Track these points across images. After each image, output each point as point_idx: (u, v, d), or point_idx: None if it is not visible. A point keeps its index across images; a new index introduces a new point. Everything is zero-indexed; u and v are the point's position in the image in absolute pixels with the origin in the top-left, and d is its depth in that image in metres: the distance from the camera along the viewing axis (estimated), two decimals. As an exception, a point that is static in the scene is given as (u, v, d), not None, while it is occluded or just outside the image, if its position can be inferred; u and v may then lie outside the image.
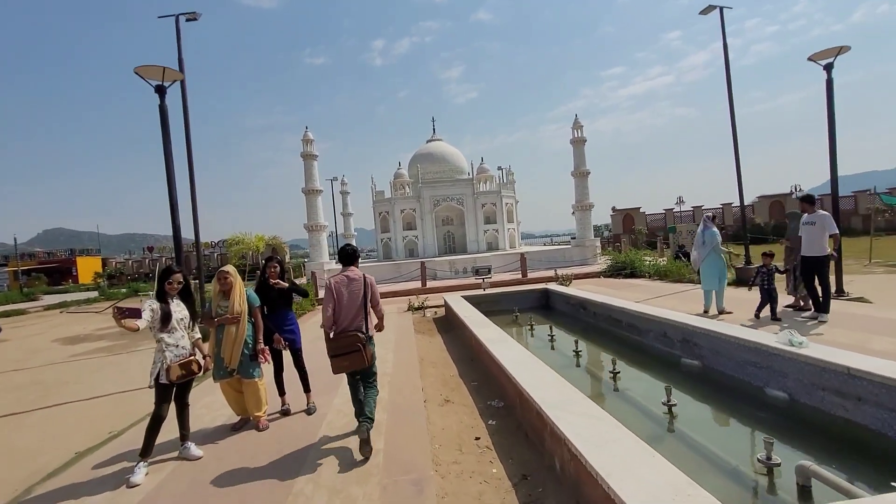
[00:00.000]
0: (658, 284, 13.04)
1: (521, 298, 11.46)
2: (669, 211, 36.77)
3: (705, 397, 4.78)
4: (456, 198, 22.86)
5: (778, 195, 34.50)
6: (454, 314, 9.18)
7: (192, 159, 9.36)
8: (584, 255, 20.30)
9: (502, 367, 4.74)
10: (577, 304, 9.64)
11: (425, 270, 16.32)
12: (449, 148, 26.10)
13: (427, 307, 12.44)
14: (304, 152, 18.61)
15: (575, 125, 20.63)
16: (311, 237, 18.63)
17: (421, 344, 8.19)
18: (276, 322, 4.80)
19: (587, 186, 20.56)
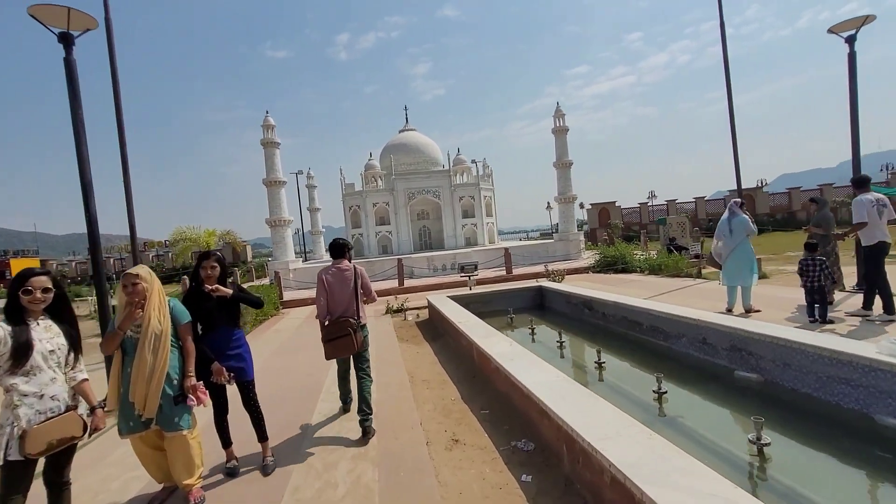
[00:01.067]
0: (656, 280, 12.20)
1: (513, 298, 10.31)
2: (644, 205, 36.76)
3: (801, 431, 3.70)
4: (432, 190, 21.52)
5: (749, 189, 34.99)
6: (443, 318, 7.92)
7: (124, 137, 7.65)
8: (567, 250, 19.44)
9: (532, 397, 3.52)
10: (580, 303, 8.57)
11: (402, 268, 14.96)
12: (423, 138, 24.71)
13: (408, 309, 11.13)
14: (264, 139, 16.81)
15: (556, 114, 19.71)
16: (273, 233, 16.88)
17: (407, 355, 6.88)
18: (216, 345, 3.39)
19: (570, 178, 19.69)
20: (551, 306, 9.95)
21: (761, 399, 4.34)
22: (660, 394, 4.33)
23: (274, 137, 16.90)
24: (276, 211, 16.75)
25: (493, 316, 9.48)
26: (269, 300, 12.26)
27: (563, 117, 19.61)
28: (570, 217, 19.82)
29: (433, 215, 22.97)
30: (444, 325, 7.99)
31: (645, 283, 11.83)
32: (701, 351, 5.45)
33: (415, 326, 9.40)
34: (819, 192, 34.04)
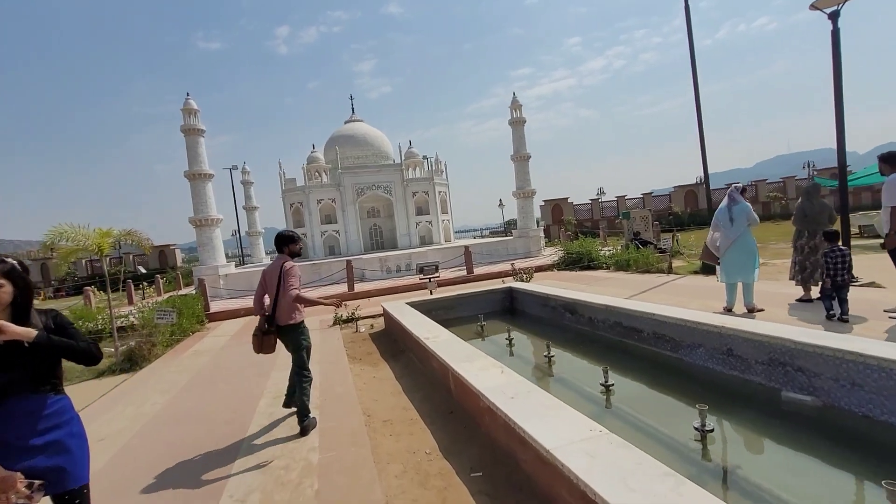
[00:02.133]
0: (627, 276, 11.49)
1: (481, 302, 9.12)
2: (595, 201, 37.15)
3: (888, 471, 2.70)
4: (383, 186, 19.92)
5: (691, 185, 36.33)
6: (403, 331, 6.56)
7: None
8: (528, 247, 18.63)
9: (562, 468, 2.27)
10: (560, 306, 7.51)
11: (352, 271, 13.35)
12: (372, 130, 23.00)
13: (360, 318, 9.61)
14: (185, 126, 14.50)
15: (513, 105, 18.83)
16: (199, 234, 14.62)
17: (362, 382, 5.44)
18: (9, 431, 1.84)
19: (528, 171, 18.89)
20: (524, 310, 8.85)
21: (822, 428, 3.39)
22: (703, 431, 3.25)
23: (197, 124, 14.64)
24: (201, 209, 14.51)
25: (459, 323, 8.26)
26: (191, 313, 10.26)
27: (520, 108, 18.76)
28: (529, 213, 19.02)
29: (384, 212, 21.39)
30: (406, 340, 6.62)
31: (617, 280, 11.07)
32: (726, 365, 4.47)
33: (369, 340, 7.95)
34: (809, 180, 35.82)
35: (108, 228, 7.58)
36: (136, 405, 5.29)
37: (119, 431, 4.47)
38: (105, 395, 6.02)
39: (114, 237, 7.67)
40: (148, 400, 5.44)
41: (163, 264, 36.05)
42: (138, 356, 7.58)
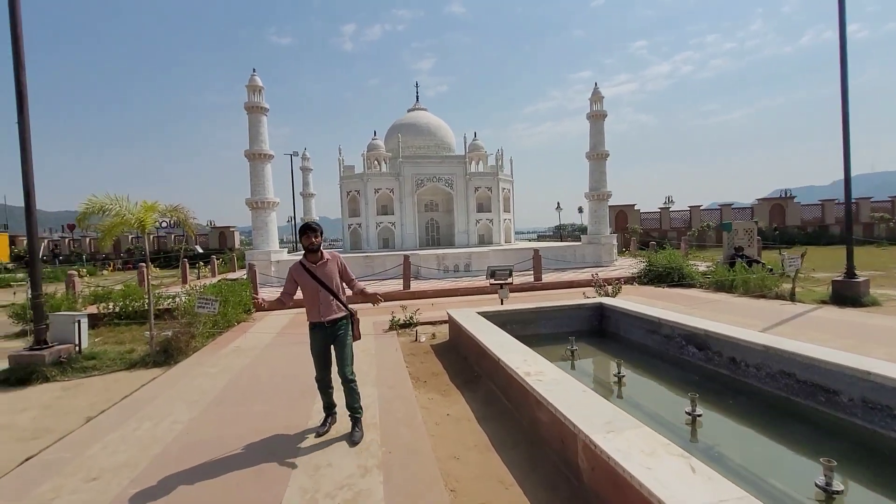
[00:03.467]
0: (736, 301, 9.51)
1: (564, 318, 7.60)
2: (665, 210, 34.11)
3: None
4: (444, 178, 18.68)
5: (776, 198, 32.49)
6: (480, 349, 5.22)
7: (24, 82, 4.83)
8: (598, 255, 16.73)
9: None
10: (680, 337, 5.83)
11: (409, 267, 12.17)
12: (435, 119, 21.83)
13: (417, 323, 8.38)
14: (249, 103, 13.91)
15: (594, 97, 16.95)
16: (254, 217, 14.01)
17: (432, 420, 4.11)
18: None
19: (605, 171, 16.96)
20: (620, 333, 7.21)
21: None
22: None
23: (261, 102, 14.02)
24: (259, 190, 13.89)
25: (539, 342, 6.79)
26: (238, 301, 9.44)
27: (601, 100, 16.85)
28: (602, 217, 17.09)
29: (443, 207, 20.15)
30: (484, 364, 5.24)
31: (725, 304, 9.13)
32: None
33: (431, 354, 6.66)
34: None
35: (152, 202, 6.75)
36: (153, 421, 4.26)
37: (119, 468, 3.39)
38: (128, 396, 5.08)
39: (159, 212, 6.83)
40: (169, 415, 4.39)
41: (222, 245, 37.03)
42: (174, 349, 6.71)
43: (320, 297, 3.74)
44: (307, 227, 3.75)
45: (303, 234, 3.74)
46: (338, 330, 3.81)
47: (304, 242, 3.74)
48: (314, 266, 3.77)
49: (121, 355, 6.86)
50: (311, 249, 3.74)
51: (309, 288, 3.76)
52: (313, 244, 3.73)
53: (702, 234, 30.16)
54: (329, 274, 3.79)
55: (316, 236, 3.75)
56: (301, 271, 3.76)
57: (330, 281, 3.79)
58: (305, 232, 3.74)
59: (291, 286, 3.82)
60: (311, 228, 3.74)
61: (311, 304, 3.76)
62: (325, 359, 3.90)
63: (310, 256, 3.79)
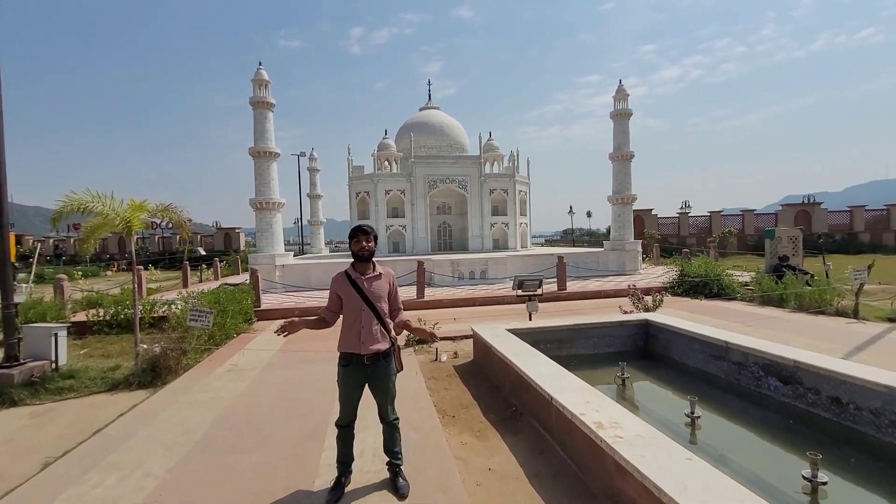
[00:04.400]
0: (792, 317, 8.52)
1: (605, 337, 6.68)
2: (684, 215, 32.97)
3: None
4: (458, 179, 17.79)
5: (802, 204, 31.23)
6: (520, 379, 4.36)
7: None
8: (622, 262, 15.76)
9: None
10: (757, 366, 4.89)
11: (423, 273, 11.29)
12: (448, 118, 20.98)
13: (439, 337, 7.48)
14: (254, 98, 13.14)
15: (618, 94, 16.02)
16: (258, 218, 13.21)
17: (472, 478, 3.22)
18: None
19: (629, 173, 16.01)
20: (671, 356, 6.27)
21: None
22: None
23: (267, 96, 13.25)
24: (263, 190, 13.10)
25: (579, 365, 5.92)
26: (238, 310, 8.61)
27: (626, 98, 15.91)
28: (626, 222, 16.12)
29: (456, 210, 19.26)
30: (527, 399, 4.34)
31: (782, 322, 8.15)
32: None
33: (456, 377, 5.78)
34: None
35: (141, 201, 5.92)
36: (120, 473, 3.39)
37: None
38: (99, 431, 4.23)
39: (148, 211, 6.00)
40: (141, 464, 3.53)
41: (228, 247, 36.40)
42: (163, 367, 5.87)
43: (362, 320, 2.94)
44: (359, 229, 3.05)
45: (353, 237, 3.03)
46: (379, 366, 3.02)
47: (353, 248, 3.03)
48: (362, 279, 2.99)
49: (103, 373, 6.04)
50: (361, 257, 2.99)
51: (351, 306, 2.97)
52: (364, 250, 2.98)
53: (723, 241, 29.01)
54: (378, 292, 3.01)
55: (368, 240, 2.99)
56: (345, 283, 2.99)
57: (378, 300, 3.00)
58: (356, 235, 3.01)
59: (335, 301, 3.07)
60: (363, 231, 3.04)
61: (351, 327, 2.97)
62: (356, 402, 3.08)
63: (359, 266, 3.02)
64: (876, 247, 28.01)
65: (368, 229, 3.03)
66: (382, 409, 3.12)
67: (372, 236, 3.03)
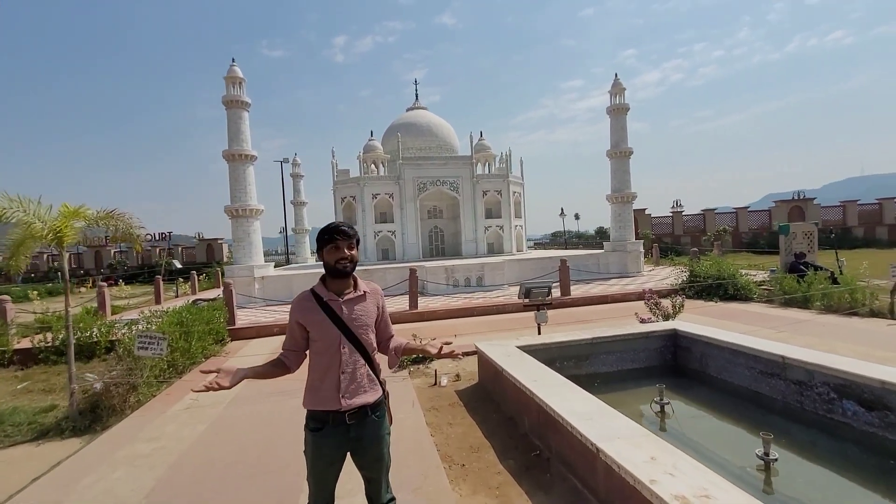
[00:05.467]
0: (827, 320, 7.75)
1: (627, 351, 5.82)
2: (678, 214, 32.56)
3: None
4: (449, 181, 16.90)
5: (795, 200, 31.00)
6: (551, 421, 3.45)
7: None
8: (624, 264, 15.00)
9: None
10: (822, 385, 4.05)
11: (416, 282, 10.36)
12: (437, 119, 20.13)
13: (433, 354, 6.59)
14: (227, 96, 12.13)
15: (614, 89, 15.35)
16: (235, 227, 12.16)
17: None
18: None
19: (628, 170, 15.30)
20: (705, 372, 5.41)
21: None
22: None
23: (241, 95, 12.25)
24: (239, 196, 12.06)
25: (604, 387, 5.09)
26: (207, 331, 7.59)
27: (622, 93, 15.23)
28: (627, 222, 15.39)
29: (448, 213, 18.37)
30: (557, 442, 3.42)
31: (822, 326, 7.37)
32: None
33: (460, 406, 4.87)
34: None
35: (76, 206, 4.91)
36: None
37: None
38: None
39: (86, 219, 4.98)
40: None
41: (210, 258, 35.03)
42: (106, 407, 4.84)
43: (342, 361, 1.99)
44: (336, 230, 2.04)
45: (327, 241, 2.03)
46: (367, 426, 2.06)
47: (328, 259, 2.03)
48: (339, 301, 2.03)
49: (33, 417, 4.99)
50: (338, 271, 2.02)
51: (325, 342, 2.00)
52: (345, 262, 2.00)
53: (718, 239, 28.59)
54: (363, 318, 2.06)
55: (351, 246, 2.03)
56: (313, 309, 2.02)
57: (364, 330, 2.04)
58: (333, 238, 2.02)
59: (299, 336, 2.06)
60: (341, 233, 2.03)
61: (325, 373, 2.01)
62: (333, 480, 2.12)
63: (334, 284, 2.05)
64: (870, 241, 27.85)
65: (349, 230, 2.05)
66: (373, 487, 2.19)
67: (354, 240, 2.05)
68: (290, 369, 2.08)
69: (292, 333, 2.07)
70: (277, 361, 2.08)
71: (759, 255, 23.37)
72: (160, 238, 36.01)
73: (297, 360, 2.10)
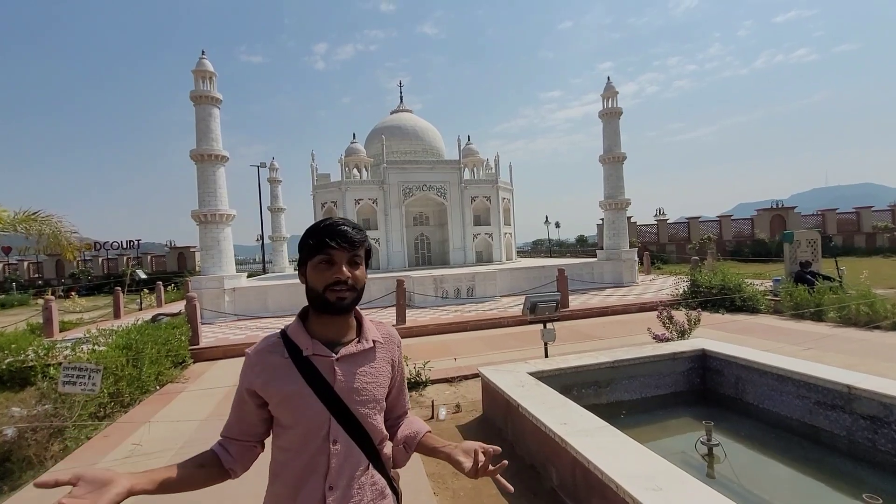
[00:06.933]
0: (853, 335, 7.19)
1: (652, 375, 5.10)
2: (663, 222, 32.51)
3: None
4: (436, 186, 16.12)
5: (776, 208, 31.31)
6: (598, 483, 2.59)
7: None
8: (619, 273, 14.43)
9: None
10: None
11: (403, 294, 9.49)
12: (422, 122, 19.38)
13: (428, 381, 5.80)
14: (196, 91, 11.12)
15: (607, 92, 14.90)
16: (203, 234, 11.09)
17: None
18: None
19: (622, 176, 14.82)
20: (742, 399, 4.71)
21: None
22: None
23: (212, 90, 11.26)
24: (208, 200, 11.01)
25: (629, 421, 4.36)
26: (166, 353, 6.57)
27: (615, 97, 14.79)
28: (621, 229, 14.86)
29: (434, 220, 17.57)
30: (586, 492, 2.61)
31: (847, 341, 6.80)
32: None
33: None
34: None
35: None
36: None
37: None
38: None
39: (1, 222, 3.98)
40: None
41: (181, 267, 33.31)
42: (17, 460, 3.83)
43: (331, 466, 1.12)
44: (330, 229, 1.14)
45: (314, 248, 1.14)
46: None
47: (314, 281, 1.14)
48: (331, 359, 1.15)
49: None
50: (330, 305, 1.13)
51: (302, 430, 1.14)
52: (341, 288, 1.12)
53: (703, 247, 28.55)
54: (370, 388, 1.19)
55: (355, 260, 1.15)
56: (283, 373, 1.14)
57: (372, 409, 1.19)
58: (324, 245, 1.13)
59: (252, 417, 1.20)
60: (339, 235, 1.13)
61: (299, 483, 1.13)
62: None
63: (322, 326, 1.18)
64: (848, 249, 28.21)
65: (353, 232, 1.16)
66: None
67: (362, 250, 1.18)
68: (229, 473, 1.19)
69: (241, 410, 1.19)
70: (209, 458, 1.19)
71: (745, 264, 23.29)
72: (128, 246, 34.14)
73: (244, 459, 1.20)
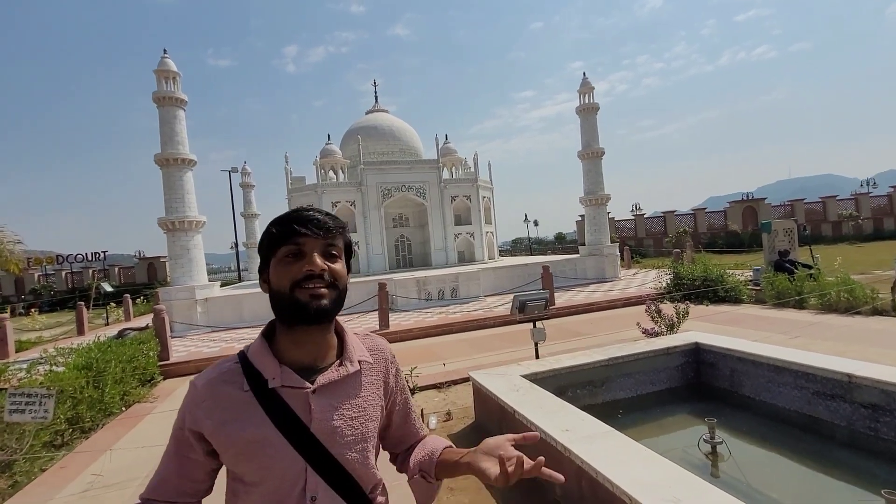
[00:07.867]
0: (838, 322, 7.24)
1: (647, 371, 4.96)
2: (640, 216, 33.00)
3: None
4: (416, 187, 15.82)
5: (747, 200, 32.15)
6: (613, 498, 2.38)
7: None
8: (601, 269, 14.44)
9: None
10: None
11: (386, 298, 9.18)
12: (399, 122, 19.06)
13: (415, 388, 5.53)
14: (159, 93, 10.54)
15: (583, 88, 14.91)
16: (171, 242, 10.52)
17: None
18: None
19: (601, 171, 14.85)
20: (738, 392, 4.61)
21: None
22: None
23: (176, 91, 10.71)
24: (176, 206, 10.46)
25: (629, 420, 4.20)
26: (132, 371, 6.11)
27: (591, 92, 14.80)
28: (602, 225, 14.89)
29: (414, 221, 17.28)
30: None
31: (833, 328, 6.85)
32: None
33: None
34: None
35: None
36: None
37: None
38: None
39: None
40: None
41: (151, 279, 32.08)
42: (-44, 501, 3.40)
43: None
44: (297, 217, 0.88)
45: (279, 237, 0.88)
46: None
47: (278, 280, 0.87)
48: (306, 391, 0.87)
49: None
50: (305, 311, 0.83)
51: (270, 487, 0.84)
52: (317, 284, 0.84)
53: (679, 240, 29.09)
54: (357, 425, 0.90)
55: (330, 250, 0.88)
56: (239, 412, 0.85)
57: (361, 453, 0.90)
58: (292, 233, 0.86)
59: (194, 469, 0.91)
60: (308, 221, 0.87)
61: None
62: None
63: (292, 346, 0.89)
64: (816, 238, 29.19)
65: (325, 219, 0.89)
66: None
67: (341, 240, 0.92)
68: None
69: (180, 462, 0.91)
70: None
71: (721, 255, 23.80)
72: (93, 258, 32.64)
73: None
